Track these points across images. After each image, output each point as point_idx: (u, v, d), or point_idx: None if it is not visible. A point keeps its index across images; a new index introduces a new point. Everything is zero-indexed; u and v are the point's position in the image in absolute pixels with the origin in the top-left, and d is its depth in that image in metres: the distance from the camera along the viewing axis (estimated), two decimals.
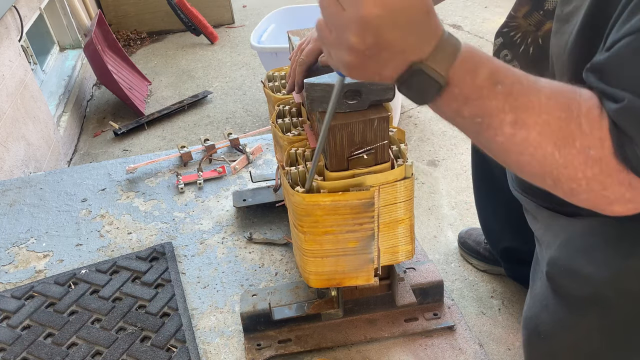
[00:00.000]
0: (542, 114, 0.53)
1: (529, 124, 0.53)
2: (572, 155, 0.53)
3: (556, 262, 0.85)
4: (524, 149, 0.55)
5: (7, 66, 2.27)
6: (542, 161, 0.54)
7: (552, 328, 0.85)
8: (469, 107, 0.54)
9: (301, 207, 0.74)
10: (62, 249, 1.14)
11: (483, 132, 0.56)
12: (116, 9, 4.02)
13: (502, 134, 0.54)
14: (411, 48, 0.52)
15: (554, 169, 0.54)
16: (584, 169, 0.53)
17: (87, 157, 2.76)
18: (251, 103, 3.07)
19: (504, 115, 0.53)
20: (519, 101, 0.53)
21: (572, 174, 0.54)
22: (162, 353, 0.88)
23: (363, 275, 0.81)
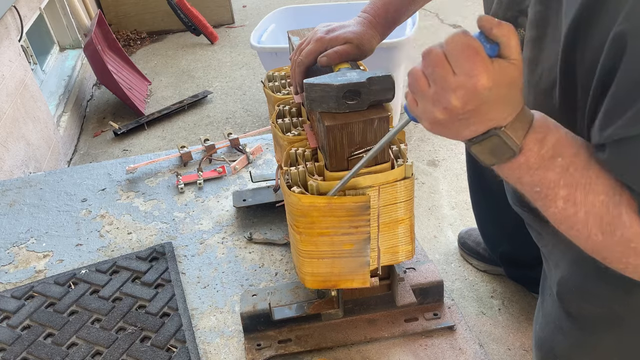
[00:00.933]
0: (589, 194, 0.56)
1: (578, 202, 0.56)
2: (614, 243, 0.56)
3: (567, 283, 0.84)
4: (573, 225, 0.58)
5: (7, 66, 2.27)
6: (587, 240, 0.58)
7: (569, 351, 0.85)
8: (529, 176, 0.58)
9: (297, 208, 0.74)
10: (62, 249, 1.14)
11: (540, 200, 0.59)
12: (116, 9, 4.02)
13: (555, 206, 0.58)
14: (499, 118, 0.56)
15: (599, 250, 0.58)
16: (626, 258, 0.56)
17: (87, 157, 2.76)
18: (251, 103, 3.07)
19: (559, 189, 0.57)
20: (574, 178, 0.56)
21: (616, 258, 0.58)
22: (162, 353, 0.88)
23: (359, 278, 0.81)
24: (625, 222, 0.55)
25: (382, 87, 0.71)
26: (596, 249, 0.59)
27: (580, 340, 0.83)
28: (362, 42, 0.90)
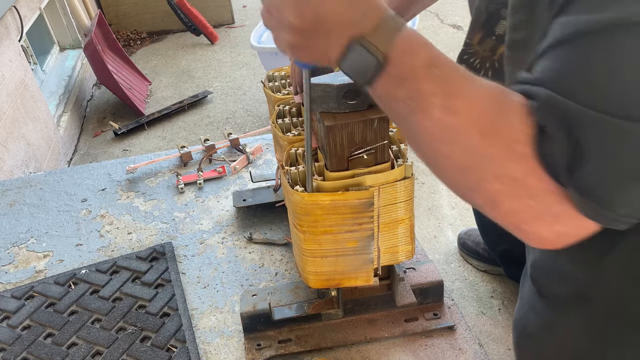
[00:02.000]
0: (472, 101, 0.51)
1: (458, 110, 0.51)
2: (496, 146, 0.50)
3: (538, 264, 0.86)
4: (448, 137, 0.52)
5: (7, 66, 2.27)
6: (465, 152, 0.52)
7: (539, 329, 0.85)
8: (403, 88, 0.53)
9: (300, 207, 0.74)
10: (62, 249, 1.14)
11: (412, 116, 0.54)
12: (116, 9, 4.02)
13: (430, 117, 0.52)
14: (351, 22, 0.52)
15: (477, 160, 0.51)
16: (508, 164, 0.50)
17: (87, 157, 2.76)
18: (251, 103, 3.07)
19: (435, 98, 0.51)
20: (452, 87, 0.52)
21: (494, 169, 0.51)
22: (162, 353, 0.88)
23: (362, 275, 0.81)
24: (512, 122, 0.50)
25: None
26: (471, 162, 0.52)
27: (550, 319, 0.83)
28: None
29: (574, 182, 0.48)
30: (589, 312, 0.79)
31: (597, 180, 0.48)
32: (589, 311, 0.79)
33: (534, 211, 0.51)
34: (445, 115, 0.51)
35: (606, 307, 0.77)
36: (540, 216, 0.51)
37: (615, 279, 0.76)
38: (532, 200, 0.51)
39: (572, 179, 0.48)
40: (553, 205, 0.50)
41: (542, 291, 0.84)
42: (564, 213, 0.51)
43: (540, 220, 0.52)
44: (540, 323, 0.85)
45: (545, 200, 0.50)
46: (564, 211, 0.50)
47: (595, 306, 0.78)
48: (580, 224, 0.51)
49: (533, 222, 0.52)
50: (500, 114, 0.50)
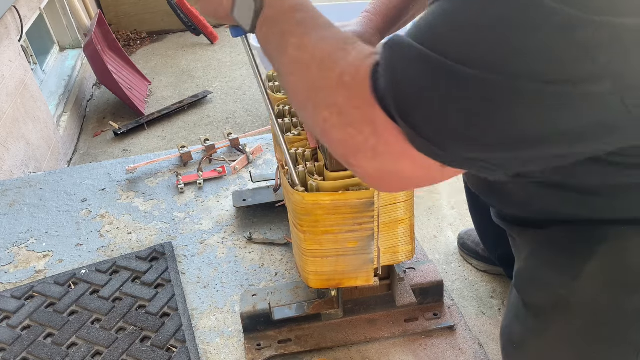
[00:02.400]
0: (320, 41, 0.57)
1: (307, 46, 0.57)
2: (329, 78, 0.54)
3: (521, 273, 0.87)
4: (296, 69, 0.58)
5: (7, 66, 2.27)
6: (305, 82, 0.57)
7: (523, 337, 0.86)
8: (272, 30, 0.61)
9: (301, 207, 0.74)
10: (62, 249, 1.14)
11: (277, 54, 0.61)
12: (116, 9, 4.02)
13: (286, 54, 0.59)
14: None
15: (314, 90, 0.56)
16: (335, 93, 0.54)
17: (87, 157, 2.76)
18: (251, 103, 3.07)
19: (292, 37, 0.59)
20: (307, 28, 0.58)
21: (325, 98, 0.55)
22: (162, 353, 0.88)
23: (363, 275, 0.81)
24: (349, 59, 0.54)
25: None
26: (309, 93, 0.57)
27: (533, 327, 0.85)
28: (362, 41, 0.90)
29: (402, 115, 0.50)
30: (568, 319, 0.80)
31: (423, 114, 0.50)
32: (568, 319, 0.80)
33: (354, 141, 0.54)
34: (296, 51, 0.58)
35: (585, 315, 0.78)
36: (360, 147, 0.54)
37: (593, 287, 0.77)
38: (351, 128, 0.54)
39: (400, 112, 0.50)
40: (369, 135, 0.53)
41: (526, 300, 0.85)
42: (379, 145, 0.53)
43: (361, 152, 0.54)
44: (524, 331, 0.86)
45: (362, 129, 0.53)
46: (379, 143, 0.53)
47: (575, 314, 0.79)
48: (397, 162, 0.53)
49: (355, 154, 0.55)
50: (341, 53, 0.55)
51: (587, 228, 0.77)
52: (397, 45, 0.51)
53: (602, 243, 0.75)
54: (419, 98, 0.49)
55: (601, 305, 0.77)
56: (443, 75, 0.48)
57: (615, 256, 0.75)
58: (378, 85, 0.51)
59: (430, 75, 0.48)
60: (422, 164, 0.53)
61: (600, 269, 0.76)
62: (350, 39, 0.57)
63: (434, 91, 0.49)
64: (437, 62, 0.48)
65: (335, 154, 0.58)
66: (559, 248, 0.81)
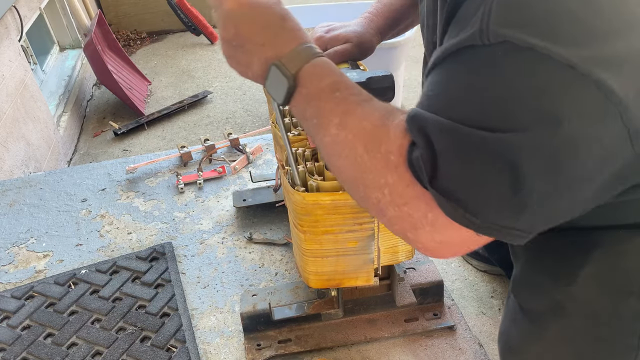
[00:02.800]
0: (362, 120, 0.57)
1: (349, 126, 0.57)
2: (377, 159, 0.55)
3: (519, 279, 0.88)
4: (341, 151, 0.58)
5: (7, 66, 2.27)
6: (353, 163, 0.57)
7: (520, 343, 0.87)
8: (310, 107, 0.60)
9: (301, 206, 0.74)
10: (62, 249, 1.14)
11: (318, 133, 0.61)
12: (116, 9, 4.01)
13: (329, 134, 0.59)
14: (270, 44, 0.61)
15: (362, 172, 0.57)
16: (385, 174, 0.55)
17: (87, 157, 2.76)
18: (251, 103, 3.07)
19: (333, 117, 0.58)
20: (348, 107, 0.58)
21: (375, 180, 0.55)
22: (162, 353, 0.88)
23: (363, 275, 0.81)
24: (390, 136, 0.55)
25: (382, 86, 0.71)
26: (358, 174, 0.57)
27: (530, 332, 0.85)
28: (362, 41, 0.90)
29: (435, 185, 0.51)
30: (565, 325, 0.80)
31: (452, 182, 0.51)
32: (565, 324, 0.80)
33: (411, 219, 0.55)
34: (339, 131, 0.58)
35: (582, 320, 0.79)
36: (418, 224, 0.55)
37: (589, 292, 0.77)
38: (406, 207, 0.55)
39: (434, 182, 0.51)
40: (425, 211, 0.54)
41: (522, 305, 0.86)
42: (437, 220, 0.54)
43: (419, 228, 0.55)
44: (521, 336, 0.86)
45: (417, 207, 0.54)
46: (436, 218, 0.54)
47: (571, 319, 0.79)
48: (457, 232, 0.54)
49: (414, 230, 0.56)
50: (383, 130, 0.56)
51: (582, 233, 0.77)
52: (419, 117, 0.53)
53: (597, 248, 0.76)
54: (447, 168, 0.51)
55: (598, 310, 0.77)
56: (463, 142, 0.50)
57: (611, 260, 0.75)
58: (414, 159, 0.53)
59: (452, 144, 0.50)
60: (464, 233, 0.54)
61: (596, 274, 0.76)
62: (390, 112, 0.58)
63: (458, 160, 0.50)
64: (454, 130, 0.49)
65: (393, 230, 0.59)
66: (554, 254, 0.82)
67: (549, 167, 0.49)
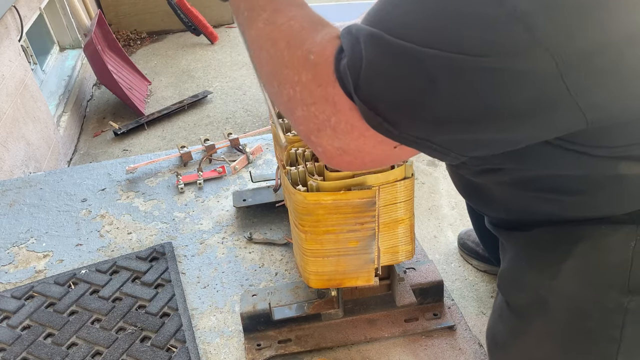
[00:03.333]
0: (291, 19, 0.58)
1: (277, 22, 0.58)
2: (296, 56, 0.55)
3: (504, 275, 0.88)
4: (264, 43, 0.59)
5: (7, 66, 2.27)
6: (272, 57, 0.58)
7: (505, 337, 0.87)
8: (244, 1, 0.62)
9: (302, 206, 0.74)
10: (62, 249, 1.14)
11: (246, 26, 0.62)
12: (116, 9, 4.01)
13: (255, 27, 0.60)
14: None
15: (280, 67, 0.57)
16: (300, 71, 0.55)
17: (87, 157, 2.76)
18: (251, 103, 3.07)
19: (263, 12, 0.60)
20: (280, 5, 0.59)
21: (290, 75, 0.56)
22: (162, 353, 0.88)
23: (364, 275, 0.81)
24: (316, 39, 0.55)
25: None
26: (276, 68, 0.58)
27: (515, 327, 0.86)
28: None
29: (358, 93, 0.52)
30: (549, 318, 0.80)
31: (375, 91, 0.51)
32: (549, 318, 0.80)
33: (316, 120, 0.55)
34: (266, 25, 0.59)
35: (565, 313, 0.79)
36: (321, 126, 0.55)
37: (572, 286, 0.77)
38: (313, 107, 0.55)
39: (356, 90, 0.52)
40: (330, 114, 0.54)
41: (508, 301, 0.86)
42: (339, 125, 0.54)
43: (321, 130, 0.56)
44: (507, 331, 0.87)
45: (323, 109, 0.54)
46: (339, 122, 0.54)
47: (555, 313, 0.79)
48: (355, 142, 0.55)
49: (317, 132, 0.56)
50: (310, 32, 0.56)
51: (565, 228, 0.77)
52: (354, 28, 0.53)
53: (580, 242, 0.76)
54: (372, 75, 0.51)
55: (581, 304, 0.77)
56: (390, 52, 0.50)
57: (594, 255, 0.75)
58: (340, 66, 0.53)
59: (380, 53, 0.51)
60: (378, 143, 0.54)
61: (579, 268, 0.76)
62: (321, 20, 0.58)
63: (383, 68, 0.51)
64: (385, 40, 0.50)
65: (298, 130, 0.59)
66: (539, 248, 0.82)
67: (465, 92, 0.49)
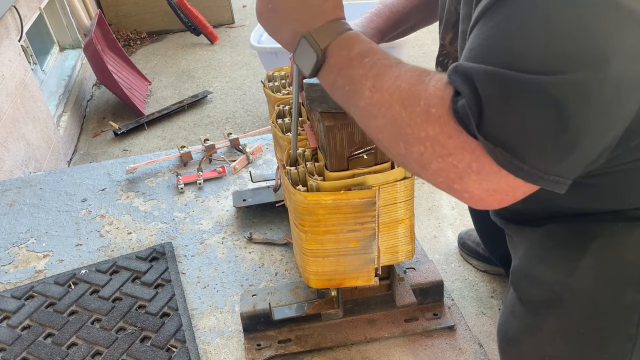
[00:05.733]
0: (396, 80, 0.57)
1: (384, 87, 0.58)
2: (416, 113, 0.55)
3: (517, 270, 0.88)
4: (378, 111, 0.58)
5: (7, 66, 2.27)
6: (391, 122, 0.57)
7: (519, 334, 0.87)
8: (341, 77, 0.61)
9: (303, 206, 0.74)
10: (62, 249, 1.14)
11: (350, 99, 0.61)
12: (116, 9, 4.02)
13: (363, 98, 0.59)
14: (302, 19, 0.63)
15: (403, 128, 0.56)
16: (425, 127, 0.55)
17: (87, 157, 2.76)
18: (251, 103, 3.07)
19: (366, 81, 0.59)
20: (380, 70, 0.59)
21: (416, 133, 0.55)
22: (162, 353, 0.88)
23: (364, 275, 0.81)
24: (430, 90, 0.55)
25: None
26: (397, 131, 0.57)
27: (528, 322, 0.86)
28: None
29: (483, 132, 0.51)
30: (563, 315, 0.80)
31: (500, 128, 0.51)
32: (563, 314, 0.80)
33: (456, 169, 0.54)
34: (374, 93, 0.58)
35: (580, 310, 0.79)
36: (464, 173, 0.54)
37: (588, 283, 0.77)
38: (450, 158, 0.54)
39: (481, 129, 0.51)
40: (469, 161, 0.54)
41: (521, 297, 0.86)
42: (484, 167, 0.53)
43: (465, 177, 0.55)
44: (520, 328, 0.87)
45: (461, 157, 0.54)
46: (483, 165, 0.53)
47: (570, 310, 0.79)
48: (504, 179, 0.54)
49: (460, 180, 0.55)
50: (420, 86, 0.56)
51: (582, 225, 0.77)
52: (461, 68, 0.53)
53: (597, 239, 0.76)
54: (494, 113, 0.51)
55: (596, 301, 0.78)
56: (509, 87, 0.50)
57: (610, 252, 0.75)
58: (458, 108, 0.53)
59: (499, 90, 0.50)
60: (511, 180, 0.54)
61: (595, 265, 0.76)
62: (423, 70, 0.58)
63: (505, 104, 0.50)
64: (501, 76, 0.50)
65: (436, 183, 0.58)
66: (553, 245, 0.82)
67: (595, 109, 0.49)
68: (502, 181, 0.54)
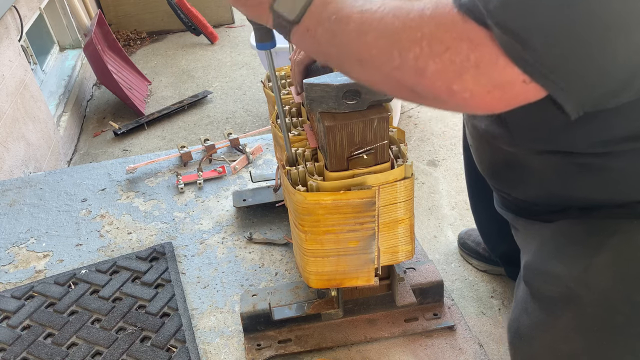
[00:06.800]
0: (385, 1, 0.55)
1: (374, 8, 0.55)
2: (410, 18, 0.53)
3: (530, 266, 0.87)
4: (368, 27, 0.55)
5: (7, 66, 2.27)
6: (383, 32, 0.54)
7: (531, 330, 0.86)
8: (327, 8, 0.58)
9: (302, 206, 0.74)
10: (62, 249, 1.14)
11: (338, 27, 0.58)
12: (116, 9, 4.02)
13: (352, 20, 0.56)
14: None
15: (397, 34, 0.54)
16: (420, 27, 0.52)
17: (87, 157, 2.76)
18: (251, 103, 3.07)
19: (354, 7, 0.57)
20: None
21: (411, 36, 0.53)
22: (162, 353, 0.88)
23: (363, 275, 0.81)
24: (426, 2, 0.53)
25: None
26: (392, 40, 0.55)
27: (541, 319, 0.85)
28: None
29: (493, 17, 0.49)
30: (578, 312, 0.80)
31: (513, 12, 0.49)
32: (578, 311, 0.79)
33: (454, 66, 0.51)
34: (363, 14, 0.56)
35: (595, 307, 0.78)
36: (462, 69, 0.51)
37: (603, 280, 0.77)
38: (448, 53, 0.51)
39: (491, 14, 0.49)
40: (467, 52, 0.51)
41: (534, 293, 0.85)
42: (483, 58, 0.51)
43: (463, 74, 0.52)
44: (533, 324, 0.86)
45: (459, 49, 0.51)
46: (481, 57, 0.51)
47: (585, 307, 0.79)
48: (502, 72, 0.51)
49: (459, 79, 0.52)
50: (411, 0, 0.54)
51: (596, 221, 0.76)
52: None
53: (613, 236, 0.75)
54: None
55: (612, 298, 0.77)
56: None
57: (627, 249, 0.74)
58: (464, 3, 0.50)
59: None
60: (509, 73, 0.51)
61: (612, 262, 0.75)
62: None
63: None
64: None
65: (435, 91, 0.55)
66: (568, 241, 0.81)
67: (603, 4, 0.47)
68: (500, 74, 0.51)
